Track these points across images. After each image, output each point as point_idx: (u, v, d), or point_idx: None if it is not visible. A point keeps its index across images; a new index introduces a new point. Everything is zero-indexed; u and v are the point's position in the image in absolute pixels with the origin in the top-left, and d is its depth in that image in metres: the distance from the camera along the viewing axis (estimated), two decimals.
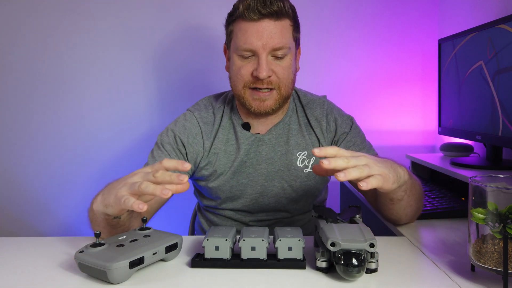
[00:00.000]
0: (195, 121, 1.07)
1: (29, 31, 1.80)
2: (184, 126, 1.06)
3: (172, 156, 1.03)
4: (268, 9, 0.94)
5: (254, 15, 0.94)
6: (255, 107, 1.00)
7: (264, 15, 0.95)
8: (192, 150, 1.05)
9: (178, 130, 1.06)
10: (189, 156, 1.05)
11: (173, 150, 1.04)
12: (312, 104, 1.11)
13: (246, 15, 0.95)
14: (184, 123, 1.07)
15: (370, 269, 0.69)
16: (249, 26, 0.96)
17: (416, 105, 1.90)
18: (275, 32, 0.96)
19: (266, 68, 0.96)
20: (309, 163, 1.08)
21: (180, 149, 1.05)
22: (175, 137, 1.05)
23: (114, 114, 1.85)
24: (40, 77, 1.82)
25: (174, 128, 1.07)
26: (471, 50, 1.36)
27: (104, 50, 1.82)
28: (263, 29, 0.95)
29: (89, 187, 1.85)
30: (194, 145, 1.05)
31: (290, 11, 0.99)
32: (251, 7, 0.94)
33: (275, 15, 0.95)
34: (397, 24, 1.86)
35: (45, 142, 1.85)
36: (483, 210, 0.63)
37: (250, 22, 0.95)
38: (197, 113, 1.09)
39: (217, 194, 1.08)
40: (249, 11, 0.94)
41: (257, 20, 0.95)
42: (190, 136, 1.06)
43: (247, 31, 0.96)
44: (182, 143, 1.05)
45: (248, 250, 0.72)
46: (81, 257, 0.68)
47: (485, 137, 1.29)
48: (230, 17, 1.01)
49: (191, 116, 1.08)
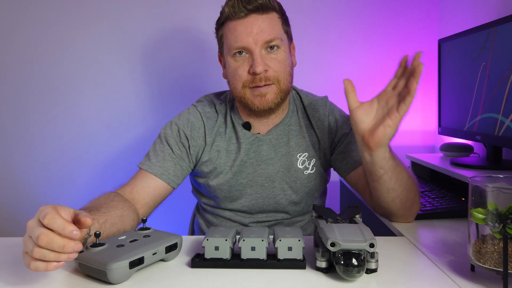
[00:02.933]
0: (198, 115, 1.08)
1: (25, 31, 1.80)
2: (187, 120, 1.07)
3: (174, 150, 1.04)
4: (253, 3, 0.96)
5: (241, 12, 0.96)
6: (258, 104, 1.00)
7: (250, 10, 0.96)
8: (195, 143, 1.06)
9: (182, 124, 1.07)
10: (192, 149, 1.06)
11: (176, 144, 1.05)
12: (314, 105, 1.11)
13: (233, 14, 0.97)
14: (188, 116, 1.08)
15: (370, 269, 0.69)
16: (238, 24, 0.97)
17: (416, 105, 1.90)
18: (264, 25, 0.96)
19: (261, 62, 0.96)
20: (309, 165, 1.08)
21: (183, 142, 1.05)
22: (179, 131, 1.06)
23: (111, 114, 1.85)
24: (36, 78, 1.82)
25: (178, 121, 1.08)
26: (471, 50, 1.36)
27: (99, 50, 1.82)
28: (252, 25, 0.96)
29: (88, 187, 1.85)
30: (197, 139, 1.06)
31: (275, 4, 1.00)
32: (236, 5, 0.96)
33: (261, 8, 0.96)
34: (397, 24, 1.86)
35: (42, 142, 1.85)
36: (483, 210, 0.63)
37: (238, 20, 0.97)
38: (201, 107, 1.10)
39: (215, 193, 1.08)
40: (235, 9, 0.96)
41: (244, 16, 0.96)
42: (193, 130, 1.06)
43: (236, 30, 0.97)
44: (186, 136, 1.06)
45: (248, 250, 0.72)
46: (81, 257, 0.68)
47: (485, 137, 1.29)
48: (218, 22, 1.03)
49: (194, 110, 1.09)
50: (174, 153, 1.04)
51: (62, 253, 0.61)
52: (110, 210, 0.83)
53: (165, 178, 1.01)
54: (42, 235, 0.60)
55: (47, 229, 0.61)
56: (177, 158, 1.04)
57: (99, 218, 0.78)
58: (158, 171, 1.01)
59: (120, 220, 0.84)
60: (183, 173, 1.05)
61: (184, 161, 1.05)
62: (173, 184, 1.03)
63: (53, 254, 0.60)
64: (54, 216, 0.61)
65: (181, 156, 1.04)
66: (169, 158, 1.03)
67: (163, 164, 1.02)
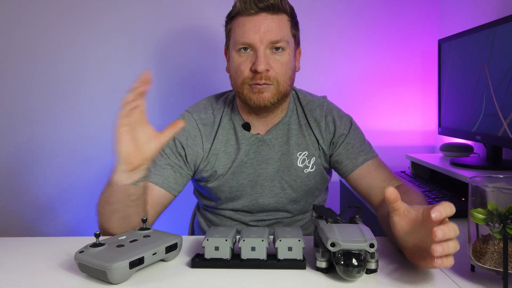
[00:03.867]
0: (194, 123, 1.07)
1: (27, 30, 1.80)
2: (183, 129, 1.06)
3: (172, 159, 1.03)
4: (265, 2, 0.96)
5: (252, 9, 0.96)
6: (255, 99, 0.99)
7: (261, 8, 0.96)
8: (191, 152, 1.05)
9: (177, 133, 1.06)
10: (189, 158, 1.05)
11: (172, 154, 1.04)
12: (311, 106, 1.11)
13: (243, 10, 0.97)
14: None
15: (370, 269, 0.69)
16: (247, 21, 0.97)
17: (416, 105, 1.90)
18: (272, 25, 0.97)
19: (264, 61, 0.96)
20: (309, 163, 1.08)
21: (180, 151, 1.04)
22: (174, 140, 1.05)
23: (115, 115, 1.85)
24: (40, 78, 1.83)
25: None
26: (471, 50, 1.36)
27: (103, 49, 1.82)
28: (260, 23, 0.96)
29: (90, 187, 1.85)
30: (193, 147, 1.05)
31: (287, 7, 1.00)
32: (248, 1, 0.96)
33: (272, 8, 0.97)
34: (397, 24, 1.86)
35: (45, 143, 1.85)
36: (483, 210, 0.63)
37: (248, 16, 0.97)
38: (196, 114, 1.09)
39: (217, 195, 1.08)
40: (246, 6, 0.96)
41: (254, 14, 0.96)
42: (189, 138, 1.05)
43: (245, 25, 0.97)
44: (182, 146, 1.05)
45: (248, 250, 0.72)
46: (81, 257, 0.68)
47: (485, 137, 1.29)
48: (229, 16, 1.03)
49: (189, 118, 1.08)
50: (172, 161, 1.03)
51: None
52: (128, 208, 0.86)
53: (166, 187, 1.00)
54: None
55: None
56: (175, 166, 1.03)
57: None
58: (159, 180, 1.00)
59: (143, 185, 0.87)
60: (183, 180, 1.05)
61: (182, 169, 1.04)
62: (174, 192, 1.02)
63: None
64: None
65: (179, 165, 1.04)
66: (168, 166, 1.02)
67: (162, 172, 1.01)
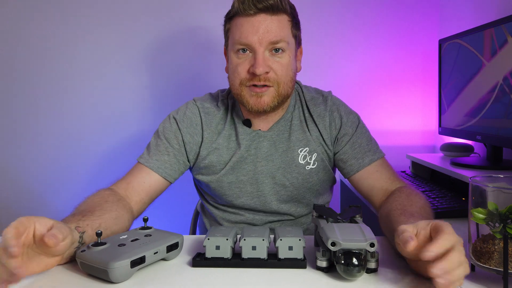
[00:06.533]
0: (196, 111, 1.08)
1: (27, 30, 1.80)
2: (184, 115, 1.07)
3: (172, 143, 1.04)
4: (264, 3, 0.94)
5: (250, 9, 0.95)
6: (252, 104, 0.98)
7: (260, 9, 0.95)
8: (191, 139, 1.05)
9: (179, 118, 1.06)
10: (188, 145, 1.05)
11: (173, 138, 1.04)
12: (315, 101, 1.09)
13: (242, 11, 0.95)
14: (185, 111, 1.08)
15: (370, 269, 0.69)
16: (245, 21, 0.96)
17: (416, 105, 1.90)
18: (271, 26, 0.95)
19: (263, 64, 0.95)
20: (311, 160, 1.07)
21: (178, 137, 1.05)
22: (177, 124, 1.05)
23: (110, 111, 1.86)
24: (36, 76, 1.83)
25: (175, 116, 1.07)
26: (471, 50, 1.36)
27: (99, 49, 1.83)
28: (259, 24, 0.95)
29: (86, 183, 1.85)
30: (193, 135, 1.06)
31: (287, 7, 0.99)
32: (246, 2, 0.94)
33: (271, 9, 0.95)
34: (397, 24, 1.86)
35: (41, 139, 1.85)
36: (483, 210, 0.64)
37: (246, 17, 0.96)
38: (200, 102, 1.09)
39: (215, 190, 1.08)
40: (245, 6, 0.95)
41: (253, 14, 0.95)
42: (190, 125, 1.06)
43: (243, 26, 0.96)
44: (182, 132, 1.05)
45: (248, 250, 0.72)
46: (83, 256, 0.68)
47: (485, 137, 1.29)
48: (227, 16, 1.02)
49: (193, 105, 1.09)
50: (171, 146, 1.04)
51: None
52: (104, 213, 0.82)
53: (162, 172, 1.01)
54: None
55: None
56: (175, 151, 1.04)
57: (93, 223, 0.77)
58: (155, 165, 1.01)
59: (115, 222, 0.83)
60: (181, 167, 1.05)
61: (182, 155, 1.05)
62: (170, 179, 1.03)
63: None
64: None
65: (179, 150, 1.04)
66: (166, 152, 1.03)
67: (160, 157, 1.02)
